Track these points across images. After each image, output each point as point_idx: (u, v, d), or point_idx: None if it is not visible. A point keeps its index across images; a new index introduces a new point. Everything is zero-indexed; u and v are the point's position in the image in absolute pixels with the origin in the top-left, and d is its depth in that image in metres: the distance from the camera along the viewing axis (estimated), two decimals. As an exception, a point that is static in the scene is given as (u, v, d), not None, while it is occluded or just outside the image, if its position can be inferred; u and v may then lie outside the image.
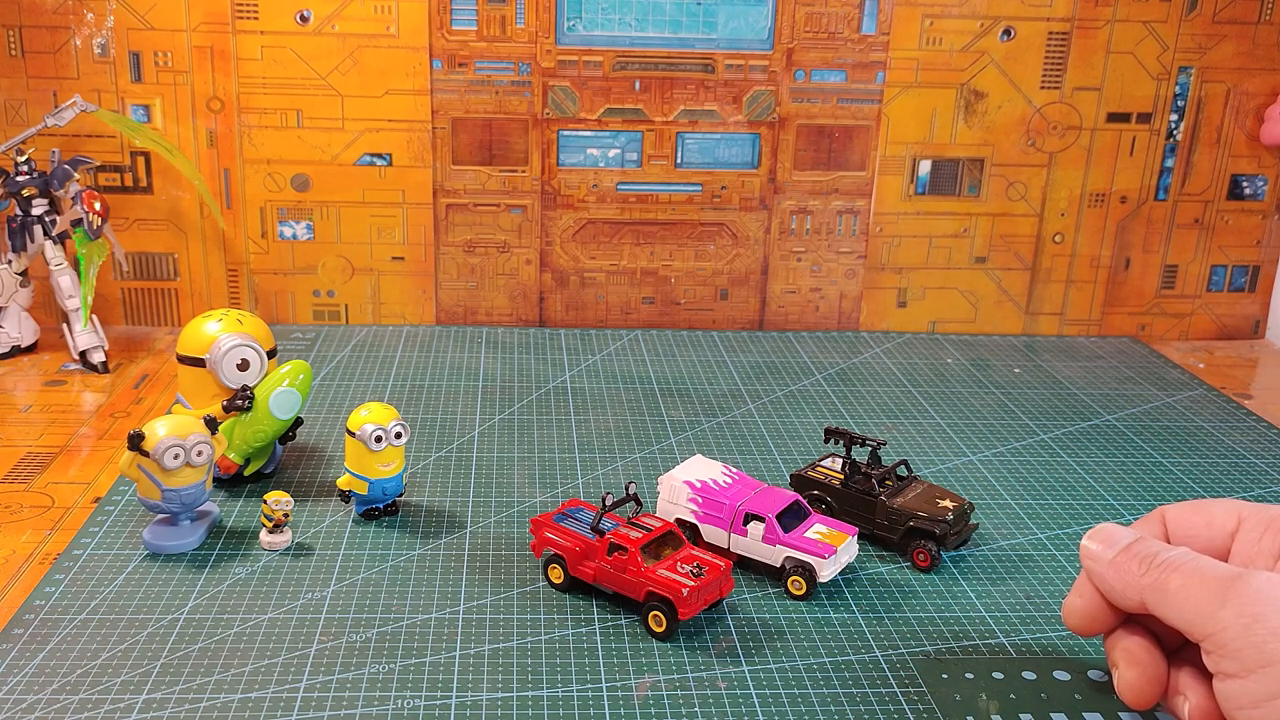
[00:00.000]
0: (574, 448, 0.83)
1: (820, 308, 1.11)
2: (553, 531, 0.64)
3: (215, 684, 0.55)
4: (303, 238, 1.06)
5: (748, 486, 0.68)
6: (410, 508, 0.73)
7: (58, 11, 0.98)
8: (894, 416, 0.91)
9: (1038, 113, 1.07)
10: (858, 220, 1.09)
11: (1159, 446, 0.87)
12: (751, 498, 0.67)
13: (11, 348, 0.98)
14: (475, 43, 1.02)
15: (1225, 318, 1.15)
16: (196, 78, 1.01)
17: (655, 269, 1.09)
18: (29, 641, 0.57)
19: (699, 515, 0.67)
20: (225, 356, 0.72)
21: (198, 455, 0.65)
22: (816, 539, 0.64)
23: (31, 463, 0.78)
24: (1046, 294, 1.12)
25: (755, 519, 0.65)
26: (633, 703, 0.54)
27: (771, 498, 0.67)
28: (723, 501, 0.67)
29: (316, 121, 1.03)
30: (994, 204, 1.09)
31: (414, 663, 0.57)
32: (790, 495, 0.67)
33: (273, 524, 0.67)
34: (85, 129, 1.01)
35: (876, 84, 1.05)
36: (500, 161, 1.05)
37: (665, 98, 1.04)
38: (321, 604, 0.62)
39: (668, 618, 0.59)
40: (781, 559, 0.64)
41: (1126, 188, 1.10)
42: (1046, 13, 1.04)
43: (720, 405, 0.92)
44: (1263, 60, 1.06)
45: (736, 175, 1.07)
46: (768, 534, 0.65)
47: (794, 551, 0.64)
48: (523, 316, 1.10)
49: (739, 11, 1.02)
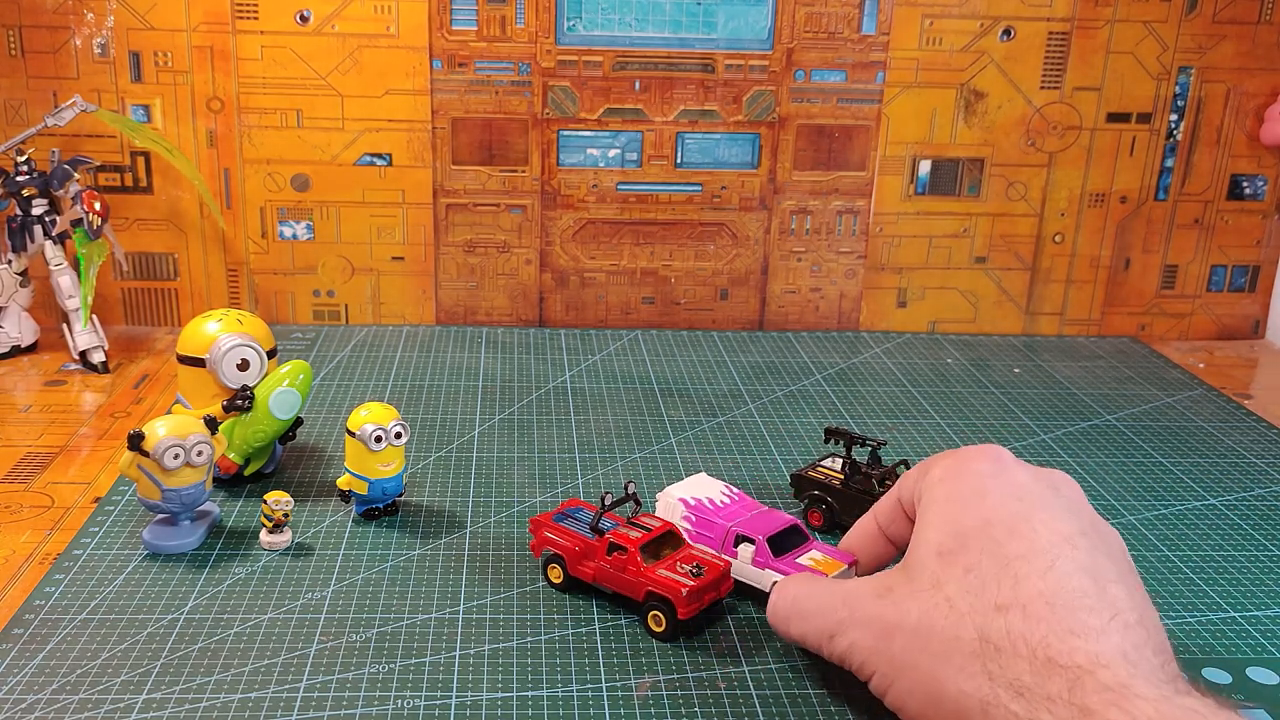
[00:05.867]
0: (574, 448, 0.83)
1: (820, 308, 1.11)
2: (552, 531, 0.64)
3: (215, 684, 0.55)
4: (303, 238, 1.06)
5: (745, 507, 0.66)
6: (410, 508, 0.73)
7: (58, 11, 0.98)
8: (894, 416, 0.91)
9: (1038, 113, 1.07)
10: (858, 220, 1.09)
11: (1159, 446, 0.87)
12: (746, 519, 0.65)
13: (11, 348, 0.98)
14: (475, 43, 1.02)
15: (1225, 318, 1.15)
16: (196, 78, 1.01)
17: (655, 269, 1.09)
18: (29, 641, 0.57)
19: (691, 534, 0.65)
20: (225, 356, 0.72)
21: (198, 455, 0.65)
22: (808, 565, 0.62)
23: (31, 463, 0.78)
24: (1046, 294, 1.12)
25: (746, 541, 0.64)
26: (633, 703, 0.54)
27: (767, 520, 0.65)
28: (715, 521, 0.65)
29: (316, 121, 1.03)
30: (994, 204, 1.09)
31: (414, 663, 0.57)
32: (788, 519, 0.65)
33: (273, 524, 0.67)
34: (85, 129, 1.01)
35: (876, 84, 1.05)
36: (500, 161, 1.05)
37: (665, 98, 1.04)
38: (321, 604, 0.62)
39: (667, 618, 0.59)
40: (770, 584, 0.61)
41: (1126, 188, 1.10)
42: (1046, 13, 1.04)
43: (720, 405, 0.92)
44: (1263, 60, 1.06)
45: (736, 175, 1.07)
46: (757, 557, 0.63)
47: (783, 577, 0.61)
48: (523, 316, 1.10)
49: (739, 11, 1.02)
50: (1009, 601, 0.44)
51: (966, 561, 0.46)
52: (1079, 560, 0.45)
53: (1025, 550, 0.45)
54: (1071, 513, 0.49)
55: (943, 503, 0.50)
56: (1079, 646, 0.41)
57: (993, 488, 0.49)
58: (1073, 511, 0.49)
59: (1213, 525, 0.75)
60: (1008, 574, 0.45)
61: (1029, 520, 0.47)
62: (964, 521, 0.48)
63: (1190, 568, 0.69)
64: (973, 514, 0.48)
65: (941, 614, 0.46)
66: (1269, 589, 0.67)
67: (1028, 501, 0.48)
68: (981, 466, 0.51)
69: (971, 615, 0.45)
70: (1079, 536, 0.47)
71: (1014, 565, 0.45)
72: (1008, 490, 0.49)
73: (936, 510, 0.50)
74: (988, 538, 0.47)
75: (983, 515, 0.48)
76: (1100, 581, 0.45)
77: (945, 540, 0.48)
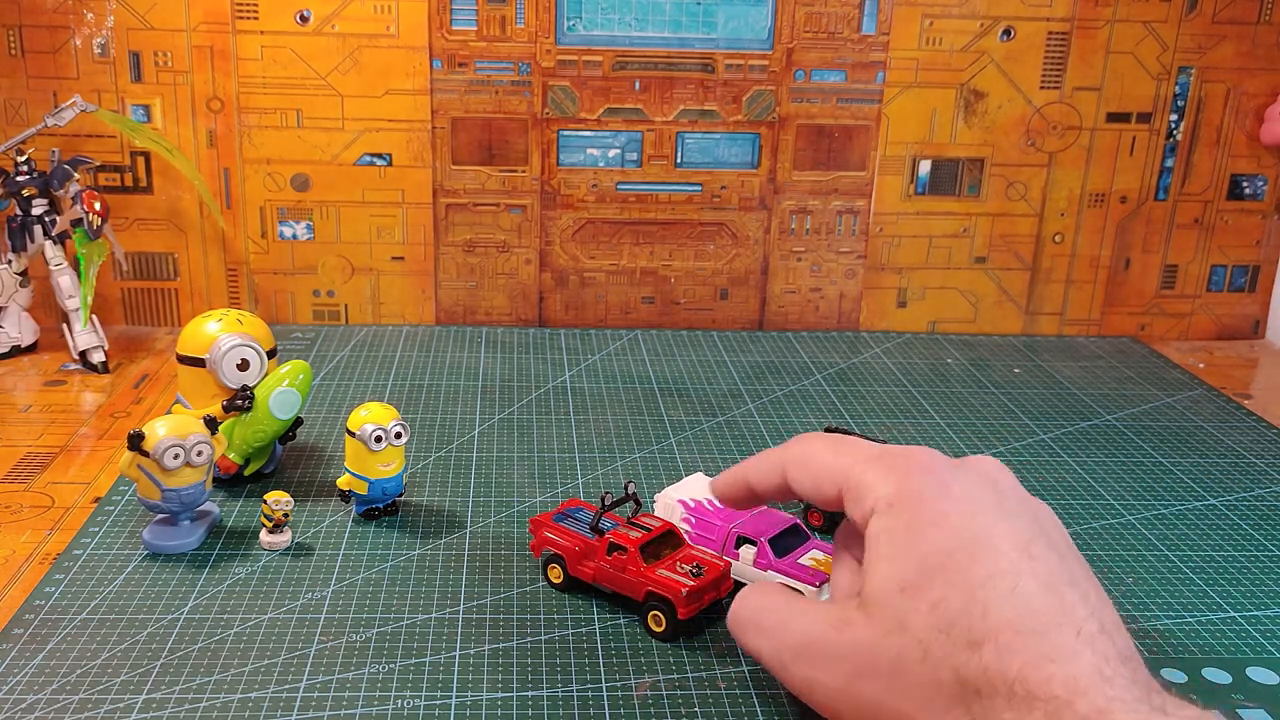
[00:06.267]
0: (574, 448, 0.83)
1: (820, 308, 1.11)
2: (552, 531, 0.64)
3: (215, 684, 0.55)
4: (303, 238, 1.06)
5: None
6: (410, 508, 0.73)
7: (58, 11, 0.98)
8: (894, 416, 0.91)
9: (1038, 113, 1.07)
10: (858, 220, 1.09)
11: (1159, 446, 0.87)
12: (746, 520, 0.65)
13: (11, 348, 0.98)
14: (475, 43, 1.02)
15: (1225, 318, 1.15)
16: (196, 78, 1.01)
17: (655, 269, 1.09)
18: (29, 641, 0.57)
19: (691, 535, 0.65)
20: (225, 356, 0.72)
21: (198, 455, 0.65)
22: (810, 565, 0.62)
23: (31, 463, 0.78)
24: (1046, 294, 1.12)
25: (747, 542, 0.63)
26: (633, 703, 0.54)
27: (768, 520, 0.65)
28: (715, 523, 0.65)
29: (316, 121, 1.03)
30: (994, 204, 1.09)
31: (414, 663, 0.57)
32: (788, 518, 0.65)
33: (273, 524, 0.67)
34: (85, 129, 1.01)
35: (876, 84, 1.05)
36: (500, 161, 1.05)
37: (665, 98, 1.04)
38: (321, 604, 0.62)
39: (667, 618, 0.59)
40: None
41: (1126, 188, 1.10)
42: (1046, 13, 1.04)
43: (720, 405, 0.92)
44: (1263, 60, 1.06)
45: (736, 175, 1.07)
46: (759, 558, 0.63)
47: (785, 578, 0.62)
48: (522, 316, 1.10)
49: (739, 11, 1.02)
50: (981, 636, 0.43)
51: (932, 597, 0.45)
52: (1038, 572, 0.44)
53: (989, 573, 0.44)
54: (1020, 512, 0.48)
55: (897, 532, 0.47)
56: (1055, 673, 0.41)
57: (946, 510, 0.47)
58: (1020, 509, 0.48)
59: (1213, 525, 0.75)
60: (975, 604, 0.44)
61: (990, 537, 0.46)
62: (924, 551, 0.46)
63: (1190, 568, 0.69)
64: (931, 542, 0.46)
65: (916, 658, 0.44)
66: (1269, 589, 0.67)
67: (983, 516, 0.47)
68: (925, 487, 0.48)
69: (946, 658, 0.43)
70: (1034, 542, 0.46)
71: (979, 594, 0.44)
72: (961, 508, 0.47)
73: (890, 540, 0.47)
74: (952, 567, 0.45)
75: (943, 543, 0.46)
76: (1058, 591, 0.44)
77: (907, 574, 0.46)
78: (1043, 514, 0.49)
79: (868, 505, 0.49)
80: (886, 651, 0.45)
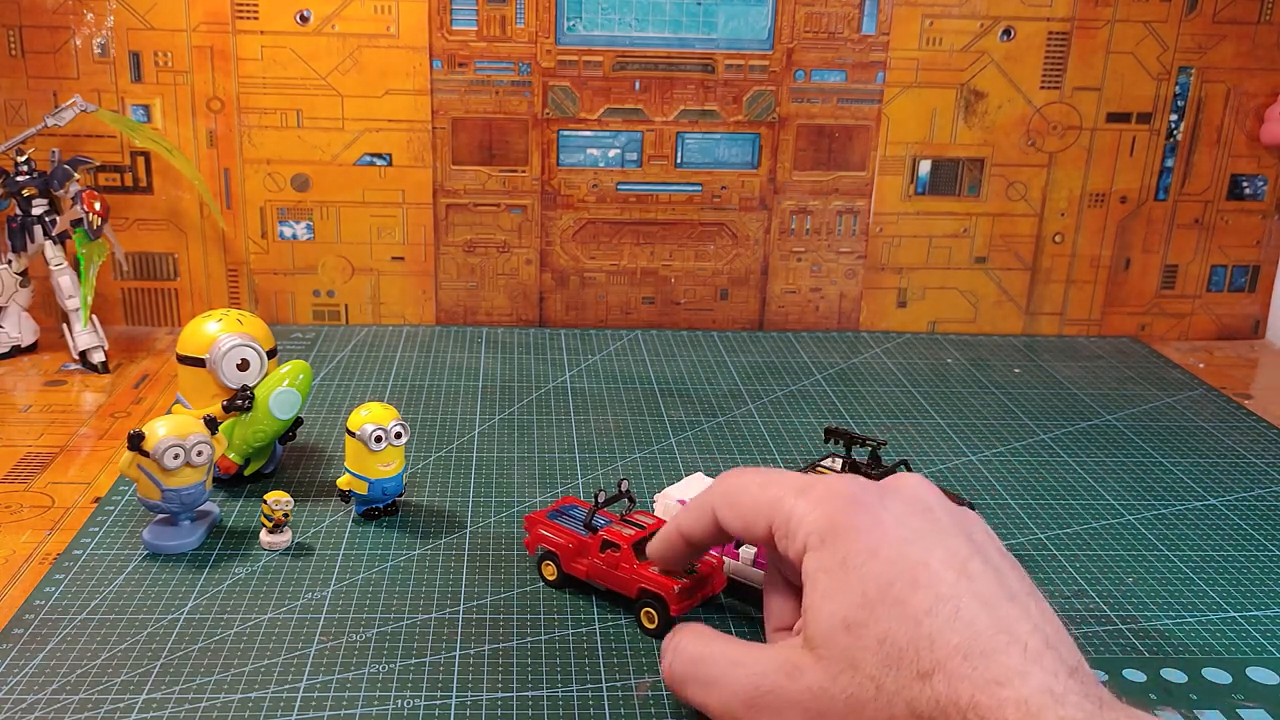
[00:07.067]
0: (574, 448, 0.83)
1: (820, 308, 1.11)
2: (546, 528, 0.64)
3: (215, 684, 0.55)
4: (303, 238, 1.06)
5: None
6: (410, 508, 0.73)
7: (58, 11, 0.98)
8: (894, 416, 0.91)
9: (1038, 113, 1.07)
10: (858, 220, 1.09)
11: (1159, 446, 0.87)
12: None
13: (11, 348, 0.98)
14: (475, 43, 1.02)
15: (1225, 318, 1.15)
16: (196, 78, 1.01)
17: (655, 269, 1.09)
18: (29, 641, 0.57)
19: None
20: (225, 356, 0.72)
21: (198, 455, 0.65)
22: None
23: (31, 463, 0.78)
24: (1046, 294, 1.12)
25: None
26: (633, 703, 0.54)
27: None
28: None
29: (316, 121, 1.03)
30: (994, 204, 1.09)
31: (414, 663, 0.57)
32: None
33: (273, 524, 0.67)
34: (85, 129, 1.01)
35: (876, 84, 1.05)
36: (500, 161, 1.05)
37: (665, 98, 1.04)
38: (321, 604, 0.62)
39: (660, 614, 0.59)
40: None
41: (1126, 188, 1.10)
42: (1046, 13, 1.04)
43: (720, 405, 0.92)
44: (1263, 60, 1.06)
45: (736, 175, 1.07)
46: (759, 557, 0.62)
47: None
48: (523, 316, 1.10)
49: (739, 11, 1.02)
50: (930, 666, 0.42)
51: (878, 632, 0.44)
52: (979, 591, 0.44)
53: (931, 599, 0.44)
54: (953, 531, 0.47)
55: (834, 569, 0.47)
56: (1006, 697, 0.40)
57: (879, 540, 0.46)
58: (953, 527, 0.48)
59: (1213, 525, 0.75)
60: (921, 634, 0.43)
61: (927, 564, 0.45)
62: (863, 586, 0.45)
63: (1190, 568, 0.69)
64: (870, 575, 0.45)
65: (869, 696, 0.44)
66: (1269, 589, 0.67)
67: (917, 543, 0.46)
68: (856, 519, 0.47)
69: (899, 692, 0.43)
70: (970, 560, 0.45)
71: (925, 623, 0.43)
72: (894, 536, 0.46)
73: (828, 578, 0.47)
74: (893, 599, 0.44)
75: (881, 575, 0.45)
76: (1000, 608, 0.44)
77: (849, 611, 0.45)
78: (974, 527, 0.49)
79: (800, 542, 0.48)
80: (839, 693, 0.45)
